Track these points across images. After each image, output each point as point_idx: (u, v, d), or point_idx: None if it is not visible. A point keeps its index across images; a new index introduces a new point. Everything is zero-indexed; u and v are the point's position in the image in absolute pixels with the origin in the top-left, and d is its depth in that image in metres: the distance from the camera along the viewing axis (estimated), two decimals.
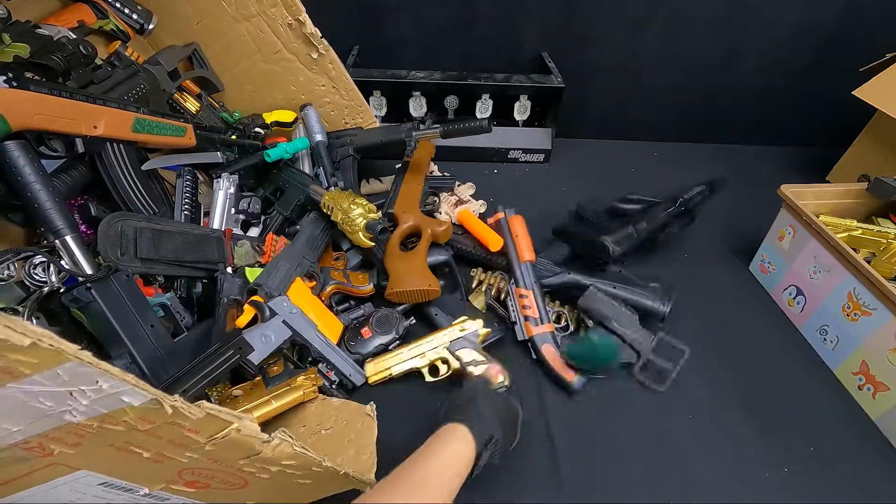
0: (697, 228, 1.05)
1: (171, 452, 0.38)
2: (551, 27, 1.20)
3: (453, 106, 1.23)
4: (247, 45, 0.92)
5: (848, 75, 1.03)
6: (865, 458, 0.68)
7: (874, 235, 0.81)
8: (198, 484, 0.43)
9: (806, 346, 0.82)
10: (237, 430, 0.37)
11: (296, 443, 0.42)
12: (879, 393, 0.71)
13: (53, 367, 0.28)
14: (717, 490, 0.64)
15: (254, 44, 0.92)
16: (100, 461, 0.37)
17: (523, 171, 1.22)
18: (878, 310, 0.69)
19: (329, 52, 0.92)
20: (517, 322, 0.77)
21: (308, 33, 0.88)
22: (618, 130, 1.36)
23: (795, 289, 0.85)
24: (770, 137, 1.36)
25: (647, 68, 1.25)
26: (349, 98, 0.99)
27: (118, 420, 0.33)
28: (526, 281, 0.79)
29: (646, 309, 0.78)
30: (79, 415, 0.31)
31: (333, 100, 0.99)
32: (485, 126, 0.90)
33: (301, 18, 0.87)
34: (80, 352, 0.29)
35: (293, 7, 0.86)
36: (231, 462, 0.41)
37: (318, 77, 0.96)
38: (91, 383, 0.30)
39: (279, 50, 0.92)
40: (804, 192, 0.84)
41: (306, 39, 0.90)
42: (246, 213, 0.83)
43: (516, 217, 0.85)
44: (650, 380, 0.73)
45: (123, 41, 0.84)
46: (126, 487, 0.41)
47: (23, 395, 0.29)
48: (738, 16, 1.15)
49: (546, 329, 0.75)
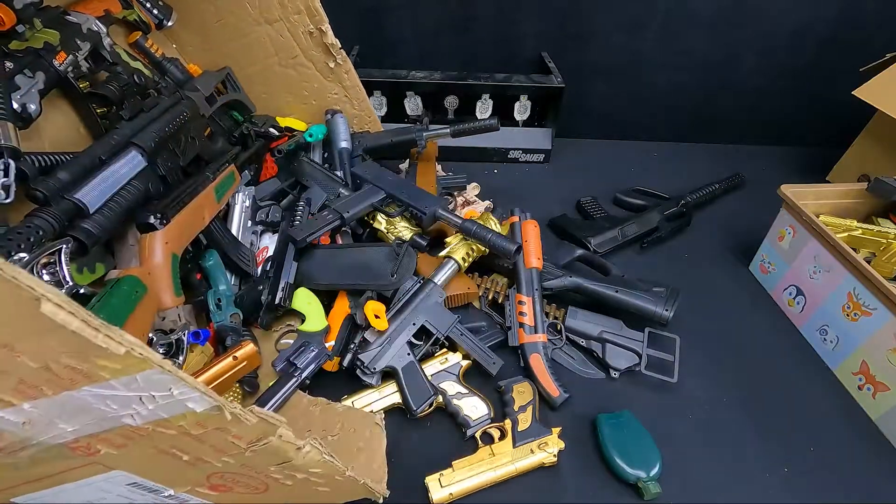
0: (697, 228, 1.05)
1: (210, 457, 0.38)
2: (551, 27, 1.20)
3: (453, 106, 1.23)
4: (265, 48, 0.93)
5: (848, 75, 1.03)
6: (865, 458, 0.68)
7: (874, 235, 0.81)
8: (222, 487, 0.43)
9: (806, 346, 0.82)
10: (279, 436, 0.37)
11: (324, 450, 0.42)
12: (879, 393, 0.71)
13: (133, 374, 0.29)
14: (717, 490, 0.64)
15: (272, 47, 0.93)
16: (138, 462, 0.38)
17: (523, 171, 1.22)
18: (878, 310, 0.69)
19: (346, 62, 0.94)
20: (511, 327, 0.77)
21: (329, 43, 0.89)
22: (618, 130, 1.36)
23: (795, 289, 0.85)
24: (770, 137, 1.36)
25: (647, 68, 1.25)
26: (360, 108, 1.02)
27: (173, 425, 0.33)
28: (527, 287, 0.78)
29: (648, 314, 0.77)
30: (139, 418, 0.32)
31: (344, 108, 1.01)
32: (493, 125, 0.95)
33: (323, 28, 0.88)
34: (163, 360, 0.29)
35: (316, 17, 0.88)
36: (262, 468, 0.41)
37: (332, 85, 0.97)
38: (164, 390, 0.31)
39: (297, 55, 0.93)
40: (804, 192, 0.84)
41: (325, 49, 0.91)
42: (265, 223, 0.84)
43: (530, 222, 0.83)
44: (658, 373, 0.73)
45: (144, 32, 0.85)
46: (153, 489, 0.41)
47: (92, 398, 0.30)
48: (738, 16, 1.15)
49: (539, 338, 0.74)
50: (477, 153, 1.21)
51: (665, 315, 0.76)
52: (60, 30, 0.66)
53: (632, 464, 0.62)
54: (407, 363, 0.70)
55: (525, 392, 0.69)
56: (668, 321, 0.76)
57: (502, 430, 0.67)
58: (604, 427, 0.66)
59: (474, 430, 0.67)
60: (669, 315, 0.76)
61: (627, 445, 0.64)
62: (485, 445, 0.65)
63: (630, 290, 0.79)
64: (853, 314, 0.73)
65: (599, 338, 0.77)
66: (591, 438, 0.68)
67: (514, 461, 0.63)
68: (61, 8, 0.70)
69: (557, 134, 1.22)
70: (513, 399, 0.69)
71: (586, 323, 0.79)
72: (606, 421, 0.67)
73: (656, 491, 0.60)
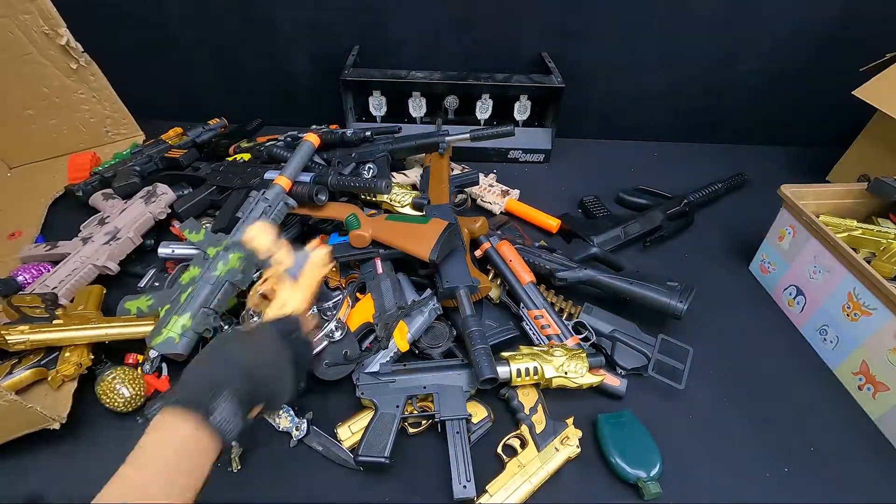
0: (697, 228, 1.05)
1: None
2: (551, 27, 1.20)
3: (453, 106, 1.23)
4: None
5: (848, 75, 1.03)
6: (865, 457, 0.68)
7: (874, 235, 0.81)
8: None
9: (806, 346, 0.82)
10: None
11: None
12: (879, 393, 0.71)
13: None
14: (717, 490, 0.64)
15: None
16: None
17: (523, 170, 1.22)
18: (878, 310, 0.69)
19: (91, 65, 0.97)
20: (541, 344, 0.75)
21: (69, 46, 0.92)
22: (618, 130, 1.36)
23: (795, 289, 0.85)
24: (770, 137, 1.36)
25: (647, 68, 1.25)
26: (112, 110, 1.07)
27: None
28: (535, 301, 0.78)
29: (662, 306, 0.77)
30: None
31: (94, 109, 1.04)
32: (510, 131, 1.01)
33: (60, 31, 0.91)
34: None
35: (51, 19, 0.90)
36: None
37: (76, 84, 1.00)
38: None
39: (30, 53, 0.95)
40: (804, 192, 0.84)
41: (64, 50, 0.93)
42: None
43: (503, 243, 0.83)
44: (666, 377, 0.72)
45: None
46: None
47: None
48: (737, 16, 1.15)
49: (571, 343, 0.74)
50: (477, 153, 1.21)
51: (679, 307, 0.76)
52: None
53: (632, 464, 0.63)
54: (389, 413, 0.65)
55: (530, 393, 0.69)
56: (682, 314, 0.76)
57: (521, 438, 0.66)
58: (604, 427, 0.67)
59: (478, 434, 0.67)
60: (684, 308, 0.76)
61: (627, 445, 0.64)
62: (510, 459, 0.64)
63: (645, 283, 0.79)
64: (853, 314, 0.73)
65: (611, 336, 0.77)
66: (591, 438, 0.68)
67: (543, 465, 0.62)
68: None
69: (557, 134, 1.22)
70: (521, 404, 0.68)
71: (600, 321, 0.79)
72: (607, 421, 0.67)
73: (656, 491, 0.60)
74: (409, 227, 0.78)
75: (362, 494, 0.62)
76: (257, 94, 1.32)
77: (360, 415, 0.68)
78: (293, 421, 0.66)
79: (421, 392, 0.67)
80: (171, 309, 0.70)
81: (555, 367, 0.68)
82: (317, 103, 1.31)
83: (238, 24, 1.18)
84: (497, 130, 1.01)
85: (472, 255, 0.83)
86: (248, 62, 1.25)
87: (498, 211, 1.06)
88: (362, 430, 0.65)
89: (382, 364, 0.70)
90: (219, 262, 0.73)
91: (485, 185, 1.08)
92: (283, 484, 0.63)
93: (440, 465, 0.63)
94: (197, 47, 1.22)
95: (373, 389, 0.67)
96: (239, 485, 0.62)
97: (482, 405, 0.69)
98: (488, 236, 0.85)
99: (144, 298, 0.74)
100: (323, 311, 0.72)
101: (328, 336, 0.69)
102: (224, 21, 1.18)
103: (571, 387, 0.69)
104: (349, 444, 0.65)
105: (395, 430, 0.63)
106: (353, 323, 0.73)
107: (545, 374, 0.68)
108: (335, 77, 1.13)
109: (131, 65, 1.18)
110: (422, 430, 0.68)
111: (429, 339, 0.76)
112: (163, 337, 0.67)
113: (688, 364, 0.73)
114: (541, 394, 0.70)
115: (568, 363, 0.68)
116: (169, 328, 0.67)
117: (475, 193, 1.08)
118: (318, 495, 0.62)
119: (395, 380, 0.68)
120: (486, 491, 0.60)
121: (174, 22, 1.17)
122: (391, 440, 0.62)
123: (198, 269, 0.74)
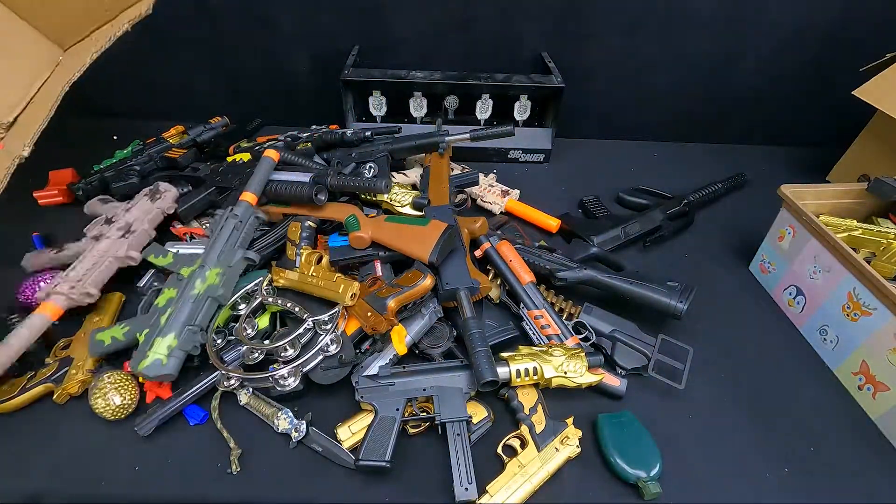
0: (697, 228, 1.06)
1: None
2: (551, 27, 1.20)
3: (453, 106, 1.23)
4: None
5: (848, 75, 1.03)
6: (865, 458, 0.68)
7: (874, 235, 0.81)
8: None
9: (806, 346, 0.82)
10: None
11: None
12: (879, 393, 0.71)
13: None
14: (717, 490, 0.64)
15: None
16: None
17: (523, 171, 1.22)
18: (878, 310, 0.69)
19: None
20: (540, 344, 0.75)
21: None
22: (618, 130, 1.36)
23: (795, 289, 0.85)
24: (770, 137, 1.36)
25: (647, 68, 1.25)
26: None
27: None
28: (535, 301, 0.78)
29: (662, 306, 0.77)
30: None
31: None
32: (510, 131, 1.02)
33: None
34: None
35: None
36: None
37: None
38: None
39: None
40: (804, 192, 0.84)
41: None
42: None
43: (503, 243, 0.84)
44: (666, 377, 0.72)
45: None
46: None
47: None
48: (737, 16, 1.15)
49: (571, 343, 0.74)
50: (477, 153, 1.21)
51: (679, 307, 0.76)
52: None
53: (632, 464, 0.63)
54: (389, 416, 0.65)
55: (530, 393, 0.69)
56: (682, 314, 0.76)
57: (521, 439, 0.66)
58: (604, 427, 0.67)
59: (478, 434, 0.67)
60: (684, 308, 0.76)
61: (627, 445, 0.64)
62: (510, 459, 0.64)
63: (645, 283, 0.79)
64: (853, 314, 0.73)
65: (611, 336, 0.77)
66: (591, 438, 0.68)
67: (543, 465, 0.62)
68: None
69: (557, 134, 1.22)
70: (521, 404, 0.68)
71: (600, 321, 0.79)
72: (607, 421, 0.67)
73: (656, 491, 0.60)
74: (408, 228, 0.78)
75: (362, 495, 0.62)
76: (257, 94, 1.32)
77: (360, 415, 0.68)
78: (292, 423, 0.66)
79: (421, 394, 0.67)
80: (151, 333, 0.68)
81: (554, 367, 0.68)
82: (317, 103, 1.30)
83: (238, 24, 1.18)
84: (497, 130, 1.01)
85: (473, 255, 0.83)
86: (248, 62, 1.25)
87: (498, 211, 1.06)
88: (362, 430, 0.65)
89: (381, 367, 0.70)
90: (196, 281, 0.72)
91: (485, 185, 1.08)
92: (283, 485, 0.63)
93: (440, 466, 0.63)
94: (197, 47, 1.22)
95: (372, 393, 0.67)
96: (239, 486, 0.62)
97: (482, 405, 0.69)
98: (488, 236, 0.85)
99: (119, 327, 0.71)
100: (318, 325, 0.71)
101: (323, 350, 0.69)
102: (224, 21, 1.18)
103: (571, 386, 0.69)
104: (349, 445, 0.65)
105: (395, 433, 0.63)
106: (350, 327, 0.73)
107: (544, 374, 0.68)
108: (335, 77, 1.13)
109: (131, 65, 1.18)
110: (422, 430, 0.68)
111: (429, 339, 0.76)
112: (150, 360, 0.65)
113: (688, 364, 0.73)
114: (540, 394, 0.70)
115: (567, 363, 0.68)
116: (154, 350, 0.66)
117: (475, 193, 1.08)
118: (318, 496, 0.62)
119: (394, 382, 0.68)
120: (487, 491, 0.60)
121: (174, 22, 1.17)
122: (392, 444, 0.62)
123: (174, 290, 0.73)
